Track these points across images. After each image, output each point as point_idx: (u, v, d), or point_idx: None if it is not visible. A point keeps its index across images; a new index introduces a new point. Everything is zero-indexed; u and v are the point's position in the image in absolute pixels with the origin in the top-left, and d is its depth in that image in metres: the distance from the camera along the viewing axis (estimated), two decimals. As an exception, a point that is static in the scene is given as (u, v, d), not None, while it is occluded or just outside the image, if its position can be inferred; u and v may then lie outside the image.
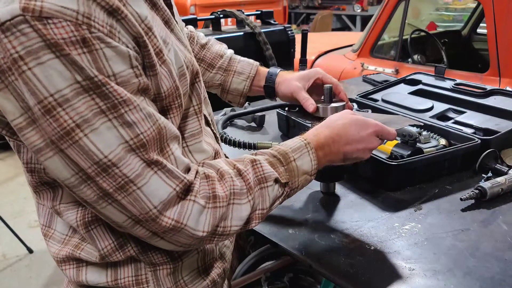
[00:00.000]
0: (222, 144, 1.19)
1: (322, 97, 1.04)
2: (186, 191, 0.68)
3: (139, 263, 0.77)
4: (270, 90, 1.12)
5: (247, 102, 1.70)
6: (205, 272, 0.84)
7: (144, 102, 0.64)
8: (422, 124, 1.25)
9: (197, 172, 0.71)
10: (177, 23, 0.80)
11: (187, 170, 0.70)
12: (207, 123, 0.90)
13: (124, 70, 0.61)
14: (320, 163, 0.83)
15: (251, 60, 1.17)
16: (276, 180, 0.78)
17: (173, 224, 0.66)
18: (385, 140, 1.19)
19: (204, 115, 0.88)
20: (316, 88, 1.08)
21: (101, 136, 0.59)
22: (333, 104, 1.01)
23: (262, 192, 0.76)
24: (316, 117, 1.02)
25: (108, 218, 0.67)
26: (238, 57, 1.18)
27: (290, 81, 1.07)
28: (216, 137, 0.92)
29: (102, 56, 0.58)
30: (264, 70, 1.14)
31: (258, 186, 0.76)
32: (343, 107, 1.02)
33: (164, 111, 0.70)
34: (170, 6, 0.80)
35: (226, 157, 0.97)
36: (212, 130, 0.90)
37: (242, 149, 1.20)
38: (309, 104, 1.01)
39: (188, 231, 0.68)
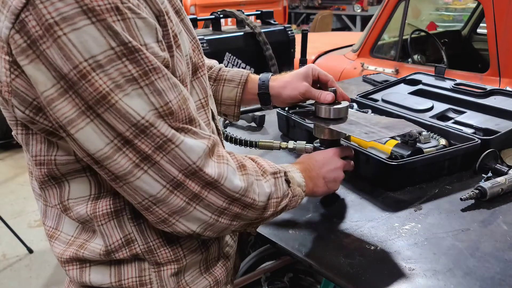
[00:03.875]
0: (224, 142, 1.19)
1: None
2: (217, 154, 0.71)
3: (143, 264, 0.77)
4: (265, 97, 1.09)
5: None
6: (207, 271, 0.84)
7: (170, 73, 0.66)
8: (424, 130, 1.25)
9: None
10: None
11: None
12: (213, 118, 0.90)
13: (152, 43, 0.62)
14: (307, 184, 0.90)
15: (241, 69, 1.14)
16: (286, 174, 0.84)
17: (215, 177, 0.68)
18: (385, 142, 1.20)
19: (211, 109, 0.89)
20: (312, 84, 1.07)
21: (134, 101, 0.61)
22: (336, 106, 1.01)
23: (275, 181, 0.81)
24: (319, 118, 1.02)
25: (137, 193, 0.66)
26: (228, 68, 1.15)
27: (295, 82, 1.05)
28: (219, 133, 0.92)
29: (134, 25, 0.60)
30: (255, 77, 1.11)
31: (271, 175, 0.81)
32: (346, 108, 1.01)
33: None
34: None
35: None
36: (216, 125, 0.91)
37: (243, 147, 1.20)
38: (326, 95, 1.00)
39: (226, 188, 0.70)
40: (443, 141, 1.25)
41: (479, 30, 3.57)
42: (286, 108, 1.47)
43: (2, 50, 0.60)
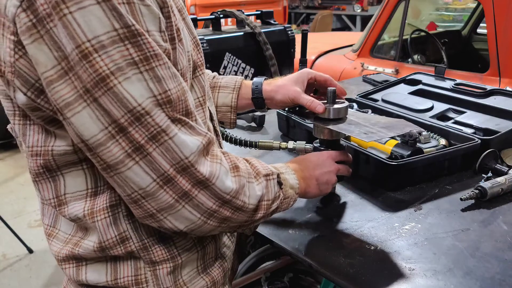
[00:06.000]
0: (224, 142, 1.19)
1: (326, 99, 1.03)
2: (211, 153, 0.70)
3: (138, 262, 0.77)
4: (259, 101, 1.09)
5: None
6: (204, 271, 0.84)
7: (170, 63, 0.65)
8: (424, 130, 1.25)
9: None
10: None
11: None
12: (211, 119, 0.90)
13: (154, 31, 0.63)
14: (300, 185, 0.89)
15: (234, 76, 1.14)
16: (279, 176, 0.83)
17: (207, 176, 0.67)
18: (385, 142, 1.20)
19: (210, 110, 0.89)
20: (308, 88, 1.07)
21: (134, 85, 0.61)
22: (336, 106, 1.01)
23: (267, 184, 0.80)
24: (318, 118, 1.02)
25: (127, 185, 0.65)
26: (222, 75, 1.16)
27: (286, 87, 1.05)
28: (217, 134, 0.92)
29: (138, 10, 0.60)
30: (249, 82, 1.11)
31: (264, 177, 0.80)
32: (346, 108, 1.01)
33: None
34: None
35: None
36: (214, 126, 0.91)
37: (243, 147, 1.20)
38: (317, 105, 1.00)
39: (217, 188, 0.69)
40: (443, 141, 1.25)
41: (479, 30, 3.57)
42: (286, 108, 1.47)
43: (8, 30, 0.60)
